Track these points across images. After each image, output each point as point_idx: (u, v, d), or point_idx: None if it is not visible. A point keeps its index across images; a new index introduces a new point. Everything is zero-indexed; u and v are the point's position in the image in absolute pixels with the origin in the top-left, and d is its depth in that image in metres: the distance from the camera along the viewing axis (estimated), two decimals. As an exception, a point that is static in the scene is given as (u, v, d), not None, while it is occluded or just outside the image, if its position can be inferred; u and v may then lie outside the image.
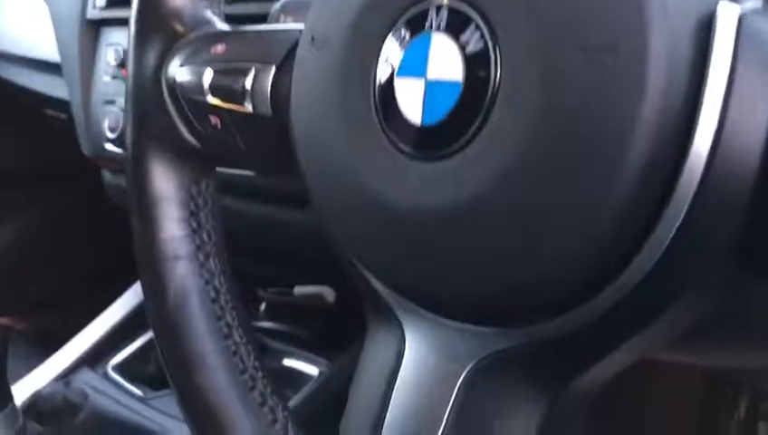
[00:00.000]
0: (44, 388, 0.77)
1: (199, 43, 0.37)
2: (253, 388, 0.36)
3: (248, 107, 0.33)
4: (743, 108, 0.20)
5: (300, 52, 0.31)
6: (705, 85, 0.20)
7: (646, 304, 0.23)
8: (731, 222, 0.21)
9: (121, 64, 0.77)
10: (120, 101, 0.78)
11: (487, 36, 0.23)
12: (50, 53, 0.91)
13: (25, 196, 1.19)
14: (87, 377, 0.79)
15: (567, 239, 0.22)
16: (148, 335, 0.85)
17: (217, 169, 0.41)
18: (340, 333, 0.72)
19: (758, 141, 0.20)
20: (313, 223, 0.32)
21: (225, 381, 0.36)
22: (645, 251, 0.22)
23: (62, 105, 0.93)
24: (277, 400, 0.36)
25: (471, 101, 0.23)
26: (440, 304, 0.27)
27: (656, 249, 0.22)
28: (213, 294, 0.38)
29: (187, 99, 0.36)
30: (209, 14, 0.38)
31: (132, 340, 0.84)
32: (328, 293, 0.79)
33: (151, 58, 0.38)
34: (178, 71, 0.36)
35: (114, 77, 0.79)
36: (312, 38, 0.30)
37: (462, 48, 0.24)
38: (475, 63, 0.23)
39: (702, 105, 0.20)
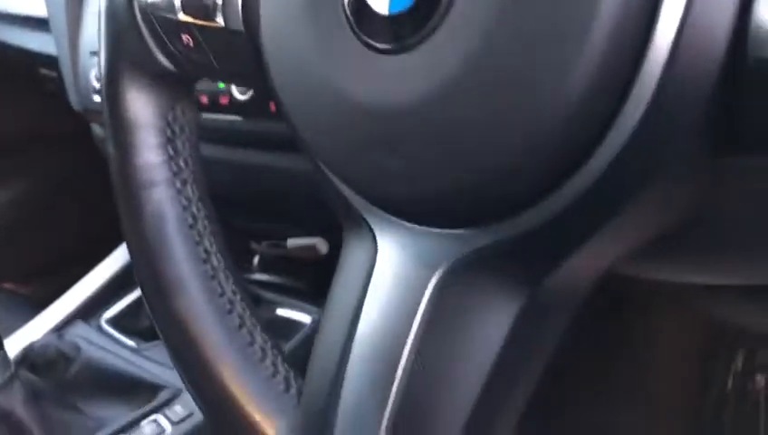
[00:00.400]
0: (38, 341, 0.77)
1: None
2: (231, 311, 0.36)
3: (220, 21, 0.33)
4: None
5: None
6: None
7: (610, 197, 0.22)
8: (699, 106, 0.21)
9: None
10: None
11: None
12: (37, 8, 0.90)
13: (21, 160, 1.19)
14: (80, 330, 0.79)
15: (530, 128, 0.22)
16: (137, 292, 0.85)
17: (204, 116, 0.40)
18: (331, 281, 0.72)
19: (725, 22, 0.20)
20: (303, 169, 0.31)
21: (203, 304, 0.36)
22: (608, 141, 0.21)
23: (54, 62, 0.93)
24: (255, 322, 0.36)
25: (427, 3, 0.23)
26: (408, 206, 0.27)
27: (620, 138, 0.21)
28: (190, 220, 0.37)
29: (159, 18, 0.35)
30: None
31: (125, 293, 0.84)
32: (320, 244, 0.79)
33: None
34: None
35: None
36: None
37: None
38: None
39: None
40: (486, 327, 0.25)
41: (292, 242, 0.81)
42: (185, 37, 0.35)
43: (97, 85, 0.77)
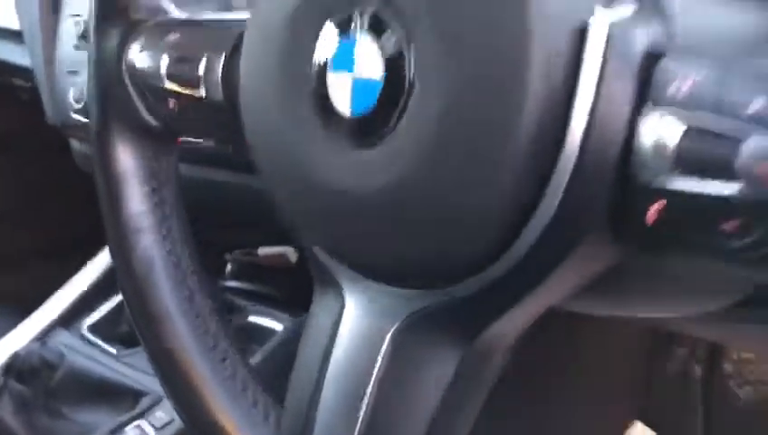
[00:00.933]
0: (22, 349, 0.81)
1: (156, 30, 0.40)
2: (215, 346, 0.40)
3: (201, 92, 0.37)
4: (609, 106, 0.24)
5: (246, 42, 0.34)
6: (578, 87, 0.24)
7: (533, 272, 0.27)
8: (601, 200, 0.25)
9: (83, 36, 0.79)
10: (85, 72, 0.80)
11: (403, 41, 0.27)
12: (10, 20, 0.92)
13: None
14: (62, 338, 0.83)
15: (467, 217, 0.26)
16: (120, 296, 0.89)
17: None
18: (302, 290, 0.76)
19: (620, 133, 0.24)
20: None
21: (190, 340, 0.40)
22: (531, 226, 0.26)
23: (28, 73, 0.95)
24: (239, 356, 0.40)
25: (390, 97, 0.27)
26: (373, 270, 0.31)
27: (540, 224, 0.26)
28: (175, 261, 0.41)
29: (146, 83, 0.39)
30: (165, 2, 0.41)
31: (105, 301, 0.88)
32: (290, 253, 0.84)
33: (112, 44, 0.41)
34: (138, 56, 0.39)
35: (77, 48, 0.81)
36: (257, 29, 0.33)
37: (382, 50, 0.27)
38: (392, 64, 0.27)
39: (574, 104, 0.24)
40: (433, 372, 0.30)
41: (263, 251, 0.85)
42: (170, 102, 0.39)
43: (76, 105, 0.80)
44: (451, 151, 0.26)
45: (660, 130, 0.24)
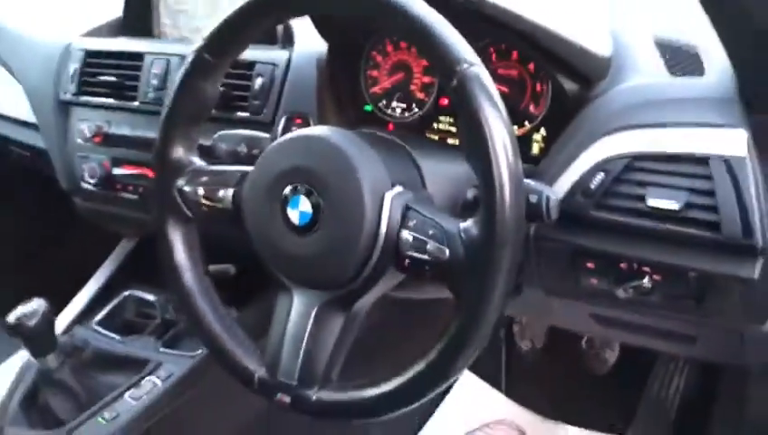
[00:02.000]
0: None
1: (192, 174, 0.85)
2: (221, 315, 0.86)
3: (221, 205, 0.83)
4: (391, 227, 0.73)
5: (247, 183, 0.80)
6: (382, 218, 0.72)
7: (369, 283, 0.74)
8: (391, 258, 0.74)
9: (94, 135, 1.21)
10: (94, 156, 1.22)
11: (318, 198, 0.74)
12: (27, 115, 1.32)
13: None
14: (82, 331, 1.25)
15: (345, 265, 0.74)
16: (116, 300, 1.32)
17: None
18: (240, 296, 1.22)
19: (394, 236, 0.73)
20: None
21: (210, 313, 0.86)
22: (367, 268, 0.73)
23: (30, 148, 1.35)
24: (234, 320, 0.86)
25: (313, 218, 0.74)
26: (306, 283, 0.78)
27: (370, 267, 0.72)
28: (206, 284, 0.87)
29: (190, 199, 0.85)
30: (194, 158, 0.87)
31: (106, 304, 1.31)
32: (231, 268, 1.30)
33: (167, 180, 0.86)
34: (185, 187, 0.85)
35: (87, 141, 1.22)
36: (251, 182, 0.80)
37: (309, 201, 0.75)
38: (314, 206, 0.74)
39: (381, 225, 0.72)
40: (333, 327, 0.76)
41: (212, 267, 1.31)
42: (203, 208, 0.84)
43: (90, 179, 1.21)
44: (336, 240, 0.74)
45: (407, 236, 0.72)
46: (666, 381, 1.38)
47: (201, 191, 0.84)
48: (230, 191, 0.82)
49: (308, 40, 1.08)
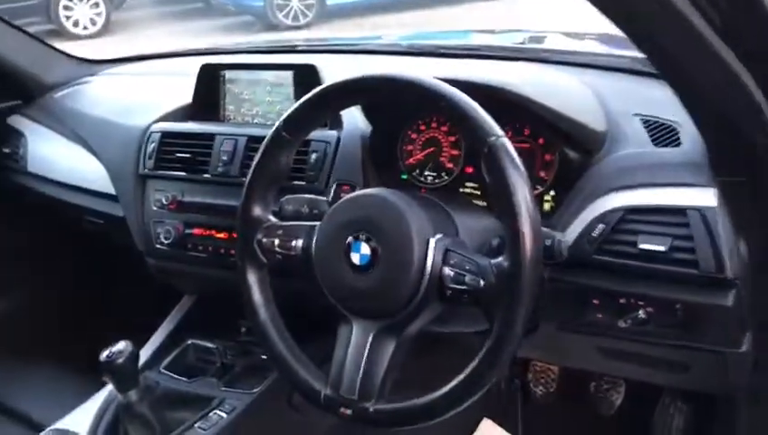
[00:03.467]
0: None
1: (269, 229, 1.05)
2: (290, 342, 1.04)
3: (293, 253, 1.02)
4: (435, 265, 0.92)
5: (318, 233, 1.00)
6: (427, 259, 0.91)
7: (415, 313, 0.93)
8: (435, 292, 0.93)
9: (170, 203, 1.42)
10: (168, 221, 1.42)
11: (376, 244, 0.94)
12: (104, 187, 1.54)
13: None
14: (151, 375, 1.43)
15: (398, 298, 0.93)
16: (180, 348, 1.50)
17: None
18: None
19: (438, 273, 0.93)
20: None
21: (289, 354, 1.04)
22: (414, 301, 0.92)
23: (106, 216, 1.56)
24: (299, 350, 1.04)
25: (371, 262, 0.94)
26: (363, 314, 0.97)
27: (417, 300, 0.92)
28: (277, 322, 1.06)
29: (268, 249, 1.05)
30: (270, 216, 1.07)
31: (171, 351, 1.49)
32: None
33: (248, 234, 1.06)
34: (263, 238, 1.05)
35: (163, 208, 1.43)
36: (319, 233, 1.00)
37: (368, 246, 0.94)
38: (372, 250, 0.94)
39: (427, 263, 0.91)
40: (387, 350, 0.94)
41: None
42: (279, 256, 1.04)
43: (165, 241, 1.41)
44: (389, 277, 0.93)
45: (448, 272, 0.91)
46: (668, 420, 1.53)
47: (276, 242, 1.03)
48: (300, 242, 1.02)
49: (353, 122, 1.30)
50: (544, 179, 1.18)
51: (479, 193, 1.23)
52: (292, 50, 1.84)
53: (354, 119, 1.31)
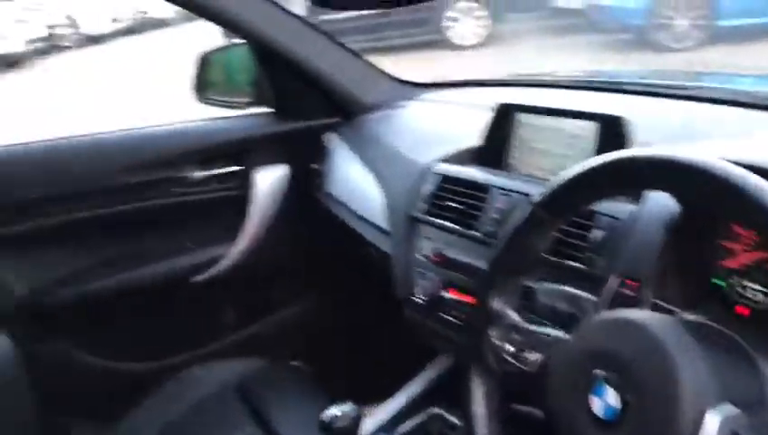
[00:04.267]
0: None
1: (506, 328, 0.83)
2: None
3: (526, 368, 0.79)
4: None
5: (551, 362, 0.75)
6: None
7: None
8: None
9: (436, 255, 1.26)
10: (429, 274, 1.27)
11: (626, 394, 0.66)
12: (380, 220, 1.44)
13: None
14: (385, 435, 1.30)
15: None
16: (422, 416, 1.34)
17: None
18: None
19: None
20: None
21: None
22: None
23: (379, 250, 1.46)
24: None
25: (618, 419, 0.66)
26: None
27: None
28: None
29: (498, 355, 0.82)
30: (510, 311, 0.84)
31: (411, 416, 1.34)
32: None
33: (479, 327, 0.85)
34: (495, 340, 0.83)
35: (427, 259, 1.29)
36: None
37: (617, 394, 0.67)
38: (623, 404, 0.66)
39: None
40: None
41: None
42: (508, 365, 0.81)
43: (422, 296, 1.26)
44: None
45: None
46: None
47: (510, 348, 0.81)
48: (538, 357, 0.78)
49: (658, 196, 0.99)
50: None
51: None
52: (598, 87, 1.54)
53: (661, 193, 0.99)
